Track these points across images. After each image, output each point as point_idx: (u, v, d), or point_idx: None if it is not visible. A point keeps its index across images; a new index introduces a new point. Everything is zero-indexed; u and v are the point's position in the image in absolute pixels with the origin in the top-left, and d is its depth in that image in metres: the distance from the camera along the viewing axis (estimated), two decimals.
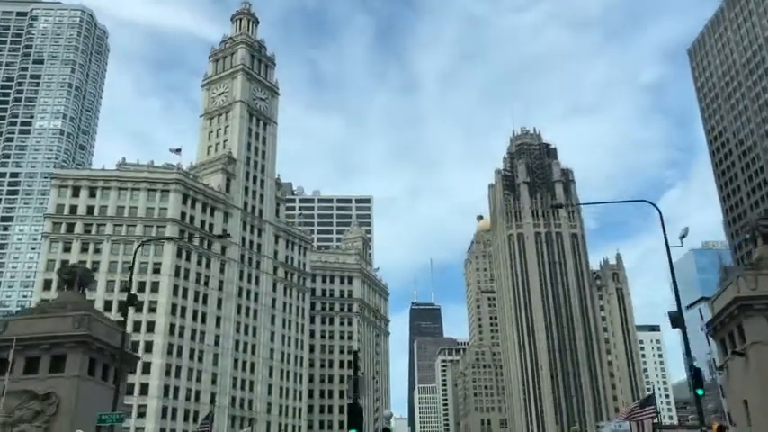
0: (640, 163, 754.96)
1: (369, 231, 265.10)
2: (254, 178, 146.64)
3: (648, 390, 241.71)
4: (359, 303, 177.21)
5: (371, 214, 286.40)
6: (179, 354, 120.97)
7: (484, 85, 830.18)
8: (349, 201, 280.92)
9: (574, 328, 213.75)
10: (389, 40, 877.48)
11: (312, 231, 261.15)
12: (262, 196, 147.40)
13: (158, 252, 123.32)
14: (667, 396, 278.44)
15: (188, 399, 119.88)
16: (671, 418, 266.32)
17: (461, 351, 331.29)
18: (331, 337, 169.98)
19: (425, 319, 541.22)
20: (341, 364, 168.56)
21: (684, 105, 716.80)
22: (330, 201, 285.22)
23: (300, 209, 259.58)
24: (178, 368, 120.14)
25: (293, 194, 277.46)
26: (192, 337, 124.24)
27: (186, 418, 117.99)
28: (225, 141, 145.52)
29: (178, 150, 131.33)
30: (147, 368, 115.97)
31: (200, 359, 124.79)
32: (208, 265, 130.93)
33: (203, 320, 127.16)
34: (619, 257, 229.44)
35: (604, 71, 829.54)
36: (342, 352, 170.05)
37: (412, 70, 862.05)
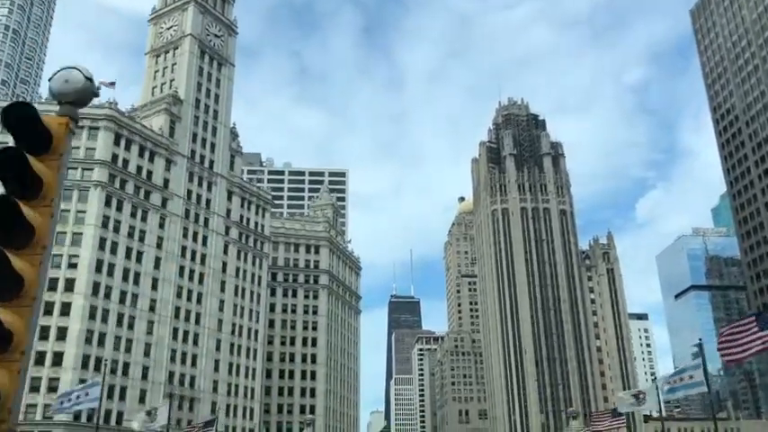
0: (624, 162, 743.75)
1: (343, 207, 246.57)
2: (205, 124, 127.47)
3: (640, 389, 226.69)
4: (327, 275, 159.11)
5: (346, 189, 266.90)
6: (104, 319, 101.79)
7: (470, 82, 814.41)
8: (322, 174, 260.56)
9: (561, 311, 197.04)
10: (376, 35, 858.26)
11: (281, 206, 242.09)
12: (213, 145, 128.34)
13: (83, 198, 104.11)
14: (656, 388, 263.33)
15: (114, 372, 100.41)
16: (658, 412, 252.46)
17: (440, 340, 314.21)
18: (294, 312, 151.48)
19: (404, 312, 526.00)
20: (304, 342, 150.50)
21: (668, 107, 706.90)
22: (302, 173, 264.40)
23: (269, 181, 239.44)
24: (102, 335, 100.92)
25: (262, 165, 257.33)
26: (122, 300, 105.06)
27: (111, 395, 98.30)
28: (171, 81, 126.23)
29: (112, 83, 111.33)
30: (62, 334, 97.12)
31: (131, 326, 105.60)
32: (144, 218, 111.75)
33: (136, 281, 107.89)
34: (610, 236, 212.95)
35: (591, 70, 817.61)
36: (306, 328, 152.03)
37: (398, 66, 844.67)
